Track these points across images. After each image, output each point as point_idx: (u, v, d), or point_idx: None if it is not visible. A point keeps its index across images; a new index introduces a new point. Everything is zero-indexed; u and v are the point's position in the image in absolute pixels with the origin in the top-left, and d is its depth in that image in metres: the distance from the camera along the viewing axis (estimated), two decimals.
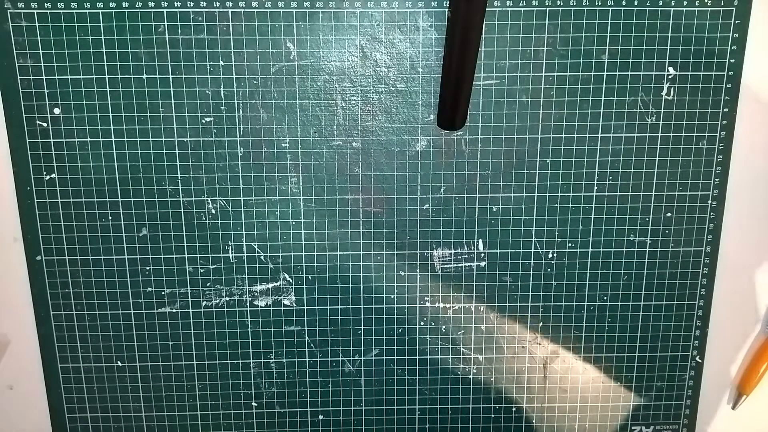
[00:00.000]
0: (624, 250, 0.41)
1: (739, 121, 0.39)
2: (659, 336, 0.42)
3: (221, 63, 0.37)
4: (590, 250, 0.41)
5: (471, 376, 0.43)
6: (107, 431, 0.43)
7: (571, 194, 0.40)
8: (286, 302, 0.41)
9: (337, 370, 0.42)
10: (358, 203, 0.40)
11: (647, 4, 0.37)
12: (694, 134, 0.39)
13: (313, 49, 0.37)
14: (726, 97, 0.38)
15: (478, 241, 0.40)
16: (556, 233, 0.40)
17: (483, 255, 0.41)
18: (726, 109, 0.39)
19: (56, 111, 0.37)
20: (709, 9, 0.37)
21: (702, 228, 0.41)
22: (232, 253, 0.40)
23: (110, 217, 0.39)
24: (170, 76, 0.37)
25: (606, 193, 0.40)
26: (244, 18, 0.36)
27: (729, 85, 0.38)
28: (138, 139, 0.38)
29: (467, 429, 0.44)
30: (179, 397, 0.42)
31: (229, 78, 0.37)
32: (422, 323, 0.42)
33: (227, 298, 0.41)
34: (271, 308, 0.41)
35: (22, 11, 0.36)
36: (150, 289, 0.40)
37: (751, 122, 0.39)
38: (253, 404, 0.43)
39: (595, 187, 0.40)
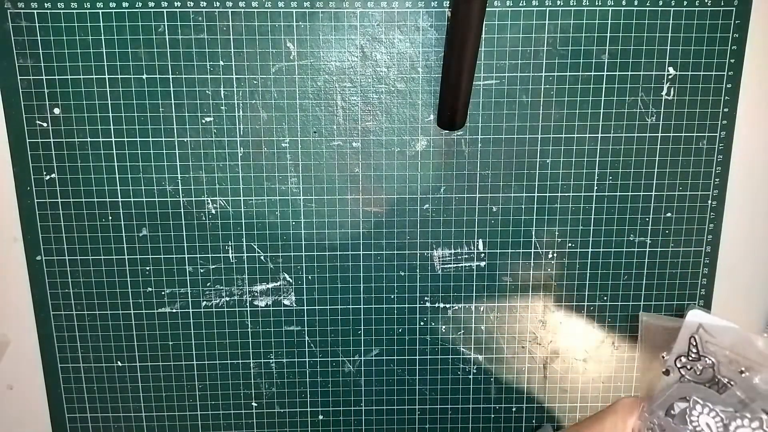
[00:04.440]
0: (624, 250, 0.41)
1: (739, 121, 0.39)
2: None
3: (221, 63, 0.37)
4: (590, 250, 0.41)
5: (471, 376, 0.43)
6: (107, 431, 0.43)
7: (571, 194, 0.40)
8: (286, 302, 0.41)
9: (337, 370, 0.42)
10: (358, 203, 0.40)
11: (647, 4, 0.37)
12: (694, 134, 0.39)
13: (313, 49, 0.37)
14: (726, 97, 0.38)
15: (478, 241, 0.40)
16: (556, 233, 0.40)
17: (483, 255, 0.41)
18: (726, 109, 0.39)
19: (56, 111, 0.37)
20: (709, 9, 0.37)
21: (702, 228, 0.41)
22: (232, 253, 0.40)
23: (110, 217, 0.39)
24: (170, 76, 0.37)
25: (606, 193, 0.40)
26: (244, 18, 0.36)
27: (729, 85, 0.38)
28: (138, 139, 0.38)
29: (467, 429, 0.44)
30: (179, 397, 0.42)
31: (229, 78, 0.37)
32: (422, 323, 0.42)
33: (227, 298, 0.41)
34: (271, 308, 0.41)
35: (22, 11, 0.36)
36: (150, 289, 0.40)
37: (751, 122, 0.39)
38: (253, 404, 0.43)
39: (595, 187, 0.40)
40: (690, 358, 0.26)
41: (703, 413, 0.25)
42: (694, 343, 0.26)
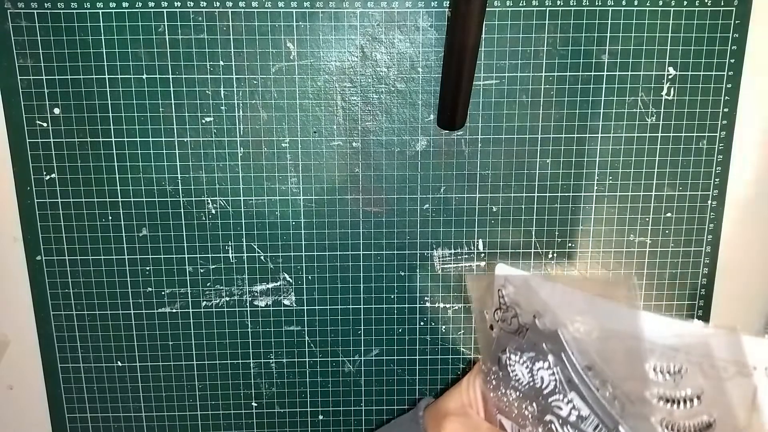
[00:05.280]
0: (624, 250, 0.41)
1: (739, 121, 0.39)
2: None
3: (221, 63, 0.37)
4: (590, 250, 0.41)
5: None
6: (107, 431, 0.43)
7: (571, 194, 0.40)
8: (286, 302, 0.41)
9: (337, 370, 0.42)
10: (358, 203, 0.40)
11: (647, 4, 0.37)
12: (694, 134, 0.39)
13: (313, 49, 0.37)
14: (726, 97, 0.38)
15: (478, 241, 0.40)
16: (556, 233, 0.40)
17: (483, 255, 0.41)
18: (726, 109, 0.39)
19: (56, 111, 0.37)
20: (709, 9, 0.37)
21: (702, 228, 0.41)
22: (232, 253, 0.40)
23: (110, 217, 0.39)
24: (170, 76, 0.37)
25: (606, 193, 0.40)
26: (244, 18, 0.36)
27: (729, 85, 0.38)
28: (138, 139, 0.38)
29: None
30: (179, 397, 0.42)
31: (229, 78, 0.37)
32: (422, 323, 0.42)
33: (227, 298, 0.41)
34: (271, 308, 0.41)
35: (22, 11, 0.36)
36: (150, 289, 0.40)
37: (751, 122, 0.39)
38: (253, 404, 0.43)
39: (595, 187, 0.40)
40: (501, 311, 0.27)
41: (516, 361, 0.26)
42: (501, 296, 0.27)
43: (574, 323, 0.24)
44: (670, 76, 0.38)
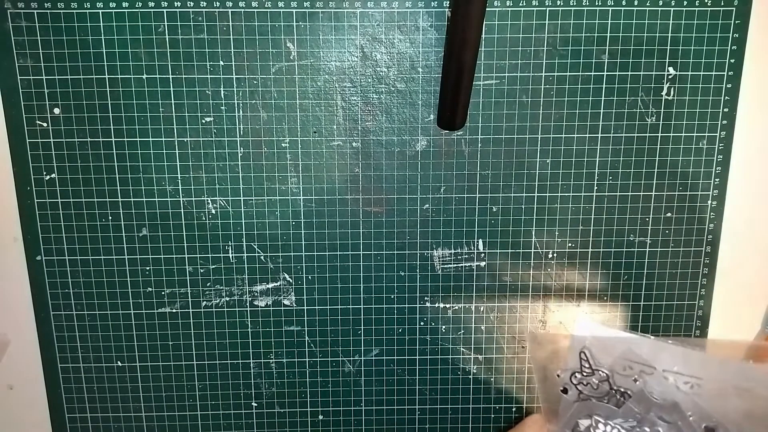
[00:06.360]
0: (624, 250, 0.41)
1: (739, 121, 0.39)
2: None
3: (221, 63, 0.37)
4: (590, 250, 0.41)
5: (471, 376, 0.43)
6: (107, 431, 0.43)
7: (571, 194, 0.40)
8: (286, 302, 0.41)
9: (337, 370, 0.42)
10: (358, 203, 0.40)
11: (647, 4, 0.37)
12: (694, 134, 0.39)
13: (313, 49, 0.37)
14: (726, 97, 0.38)
15: (478, 241, 0.40)
16: (556, 233, 0.40)
17: (483, 255, 0.41)
18: (726, 109, 0.39)
19: (56, 111, 0.37)
20: (709, 9, 0.37)
21: (702, 228, 0.41)
22: (232, 253, 0.40)
23: (110, 217, 0.39)
24: (170, 76, 0.37)
25: (606, 193, 0.40)
26: (244, 18, 0.36)
27: (729, 85, 0.38)
28: (138, 139, 0.38)
29: (467, 429, 0.44)
30: (179, 397, 0.42)
31: (229, 78, 0.37)
32: (422, 323, 0.42)
33: (227, 298, 0.41)
34: (271, 308, 0.41)
35: (22, 11, 0.36)
36: (150, 289, 0.40)
37: (751, 122, 0.39)
38: (253, 404, 0.43)
39: (595, 187, 0.40)
40: (584, 374, 0.25)
41: (606, 430, 0.24)
42: (586, 357, 0.25)
43: (700, 389, 0.22)
44: (670, 76, 0.38)
